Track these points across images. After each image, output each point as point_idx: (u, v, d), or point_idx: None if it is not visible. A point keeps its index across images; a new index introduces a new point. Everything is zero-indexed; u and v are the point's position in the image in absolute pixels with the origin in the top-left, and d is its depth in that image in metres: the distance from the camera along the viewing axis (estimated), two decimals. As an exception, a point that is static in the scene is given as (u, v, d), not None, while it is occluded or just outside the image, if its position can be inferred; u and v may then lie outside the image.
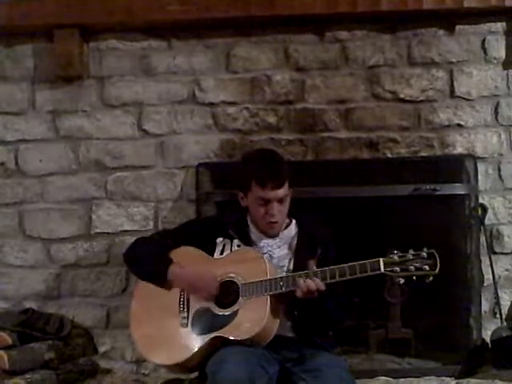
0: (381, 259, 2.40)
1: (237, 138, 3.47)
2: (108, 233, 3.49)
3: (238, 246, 2.69)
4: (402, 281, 2.38)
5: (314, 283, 2.41)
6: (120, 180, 3.50)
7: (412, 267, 2.36)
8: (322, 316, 2.54)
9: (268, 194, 2.61)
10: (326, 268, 2.45)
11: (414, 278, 2.36)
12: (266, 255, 2.64)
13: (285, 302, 2.53)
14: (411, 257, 2.38)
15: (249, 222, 2.75)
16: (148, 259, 2.70)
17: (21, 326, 3.22)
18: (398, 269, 2.38)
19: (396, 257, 2.39)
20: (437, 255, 2.36)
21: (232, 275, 2.58)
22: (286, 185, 2.64)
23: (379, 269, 2.39)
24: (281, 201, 2.63)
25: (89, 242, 3.50)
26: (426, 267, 2.35)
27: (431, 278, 2.36)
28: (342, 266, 2.44)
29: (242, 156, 2.99)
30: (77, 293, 3.49)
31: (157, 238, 2.85)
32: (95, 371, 3.27)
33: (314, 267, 2.48)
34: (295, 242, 2.71)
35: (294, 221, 2.77)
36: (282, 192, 2.62)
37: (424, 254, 2.38)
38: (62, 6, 3.41)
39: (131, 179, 3.50)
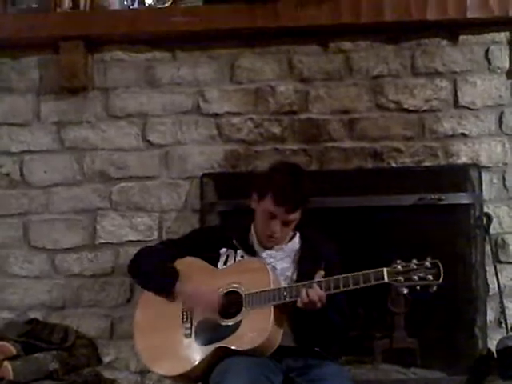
0: (384, 269, 2.38)
1: (241, 148, 3.47)
2: (112, 243, 3.49)
3: (242, 256, 2.69)
4: (405, 290, 2.36)
5: (316, 294, 2.40)
6: (124, 190, 3.51)
7: (416, 277, 2.35)
8: (325, 327, 2.52)
9: (278, 213, 2.60)
10: (330, 278, 2.44)
11: (418, 287, 2.35)
12: (268, 266, 2.63)
13: (288, 313, 2.52)
14: (415, 266, 2.36)
15: (252, 232, 2.75)
16: (154, 272, 2.70)
17: (25, 336, 3.23)
18: (401, 278, 2.36)
19: (399, 266, 2.38)
20: (440, 265, 2.35)
21: (235, 285, 2.58)
22: (299, 211, 2.63)
23: (383, 278, 2.38)
24: (287, 223, 2.64)
25: (93, 253, 3.50)
26: (430, 277, 2.34)
27: (435, 288, 2.34)
28: (345, 275, 2.43)
29: (272, 164, 2.90)
30: (81, 303, 3.49)
31: (161, 248, 2.86)
32: (99, 382, 3.27)
33: (321, 278, 2.47)
34: (299, 255, 2.71)
35: (298, 234, 2.77)
36: (291, 217, 2.62)
37: (428, 264, 2.36)
38: (67, 18, 3.44)
39: (136, 190, 3.50)
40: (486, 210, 3.35)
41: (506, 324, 3.28)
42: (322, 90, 3.46)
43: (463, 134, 3.42)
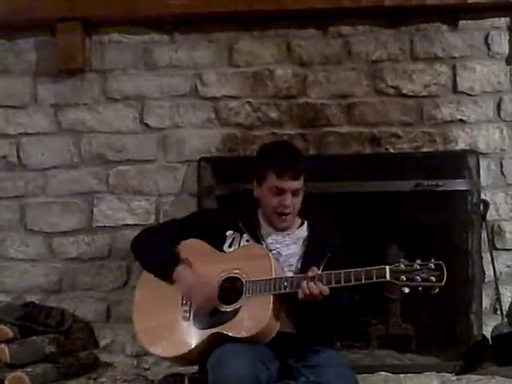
0: (387, 267, 2.36)
1: (239, 132, 3.46)
2: (109, 226, 3.49)
3: (247, 240, 2.68)
4: (407, 290, 2.33)
5: (318, 288, 2.40)
6: (122, 174, 3.50)
7: (418, 277, 2.31)
8: (323, 318, 2.53)
9: (283, 184, 2.61)
10: (332, 272, 2.43)
11: (420, 288, 2.32)
12: (274, 252, 2.64)
13: (287, 302, 2.52)
14: (418, 267, 2.33)
15: (259, 217, 2.75)
16: (155, 254, 2.70)
17: (22, 319, 3.22)
18: (404, 277, 2.33)
19: (403, 265, 2.35)
20: (444, 267, 2.31)
21: (237, 271, 2.57)
22: (302, 178, 2.64)
23: (385, 276, 2.35)
24: (295, 193, 2.64)
25: (90, 236, 3.50)
26: (433, 278, 2.30)
27: (437, 290, 2.31)
28: (347, 271, 2.41)
29: (259, 147, 2.95)
30: (78, 286, 3.50)
31: (165, 229, 2.84)
32: (96, 365, 3.27)
33: (316, 272, 2.45)
34: (306, 242, 2.70)
35: (306, 222, 2.77)
36: (297, 184, 2.63)
37: (431, 265, 2.32)
38: (65, 0, 3.40)
39: (133, 173, 3.49)
40: (483, 196, 3.35)
41: (502, 311, 3.29)
42: (320, 74, 3.45)
43: (461, 120, 3.42)
